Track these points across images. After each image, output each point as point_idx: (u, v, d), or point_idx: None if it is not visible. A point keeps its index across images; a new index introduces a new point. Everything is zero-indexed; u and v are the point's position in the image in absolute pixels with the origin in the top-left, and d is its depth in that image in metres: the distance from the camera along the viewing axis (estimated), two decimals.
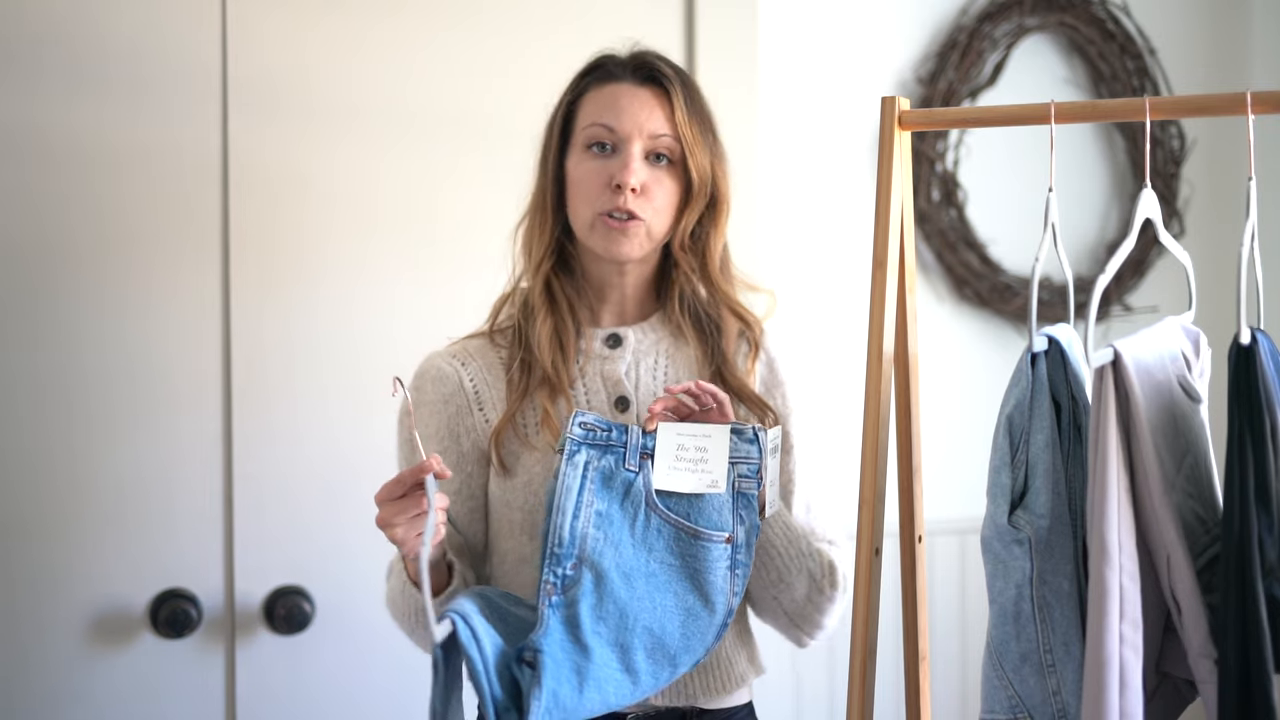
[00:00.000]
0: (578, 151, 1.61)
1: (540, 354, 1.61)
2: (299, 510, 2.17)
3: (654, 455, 1.50)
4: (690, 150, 1.60)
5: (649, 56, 1.64)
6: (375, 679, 2.18)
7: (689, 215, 1.62)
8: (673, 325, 1.66)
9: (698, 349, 1.65)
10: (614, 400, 1.62)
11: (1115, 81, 2.61)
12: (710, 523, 1.50)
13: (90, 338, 2.09)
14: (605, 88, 1.62)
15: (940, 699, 2.45)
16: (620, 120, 1.59)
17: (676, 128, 1.59)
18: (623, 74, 1.62)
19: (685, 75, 1.65)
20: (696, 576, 1.49)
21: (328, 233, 2.18)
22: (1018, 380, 1.45)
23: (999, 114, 1.91)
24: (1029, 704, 1.44)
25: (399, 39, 2.20)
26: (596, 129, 1.60)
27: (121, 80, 2.10)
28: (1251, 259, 1.39)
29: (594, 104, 1.61)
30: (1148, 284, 2.66)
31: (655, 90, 1.61)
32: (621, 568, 1.46)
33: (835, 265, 2.48)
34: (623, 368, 1.63)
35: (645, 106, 1.59)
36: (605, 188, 1.58)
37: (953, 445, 2.38)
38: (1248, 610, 1.28)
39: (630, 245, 1.59)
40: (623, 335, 1.65)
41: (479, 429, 1.63)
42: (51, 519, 2.08)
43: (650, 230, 1.60)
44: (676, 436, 1.50)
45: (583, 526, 1.46)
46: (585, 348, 1.64)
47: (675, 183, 1.61)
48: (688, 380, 1.54)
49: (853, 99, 2.49)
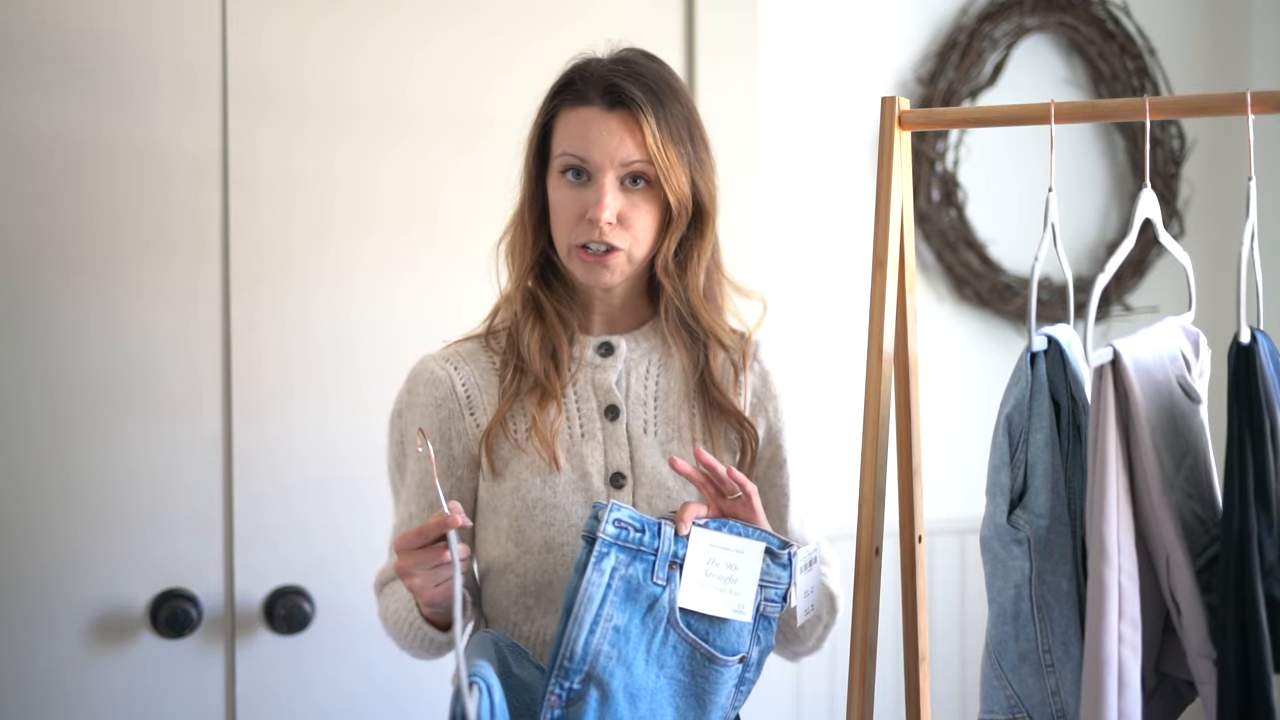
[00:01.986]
0: (555, 176, 1.59)
1: (531, 360, 1.61)
2: (299, 510, 2.17)
3: (683, 565, 1.45)
4: (665, 176, 1.55)
5: (618, 76, 1.56)
6: (375, 679, 2.18)
7: (670, 237, 1.59)
8: (663, 335, 1.65)
9: (686, 359, 1.64)
10: (604, 409, 1.62)
11: (1115, 81, 2.61)
12: (728, 646, 1.46)
13: (90, 338, 2.09)
14: (575, 113, 1.57)
15: (940, 699, 2.45)
16: (590, 151, 1.55)
17: (649, 153, 1.55)
18: (593, 97, 1.56)
19: (660, 87, 1.58)
20: (702, 696, 1.46)
21: (327, 232, 2.18)
22: (1017, 380, 1.45)
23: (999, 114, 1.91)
24: (1028, 704, 1.44)
25: (398, 39, 2.20)
26: (568, 158, 1.57)
27: (121, 80, 2.10)
28: (1251, 259, 1.39)
29: (565, 131, 1.58)
30: (1148, 284, 2.66)
31: (625, 115, 1.55)
32: (629, 689, 1.43)
33: (835, 265, 2.48)
34: (614, 376, 1.63)
35: (615, 135, 1.55)
36: (580, 219, 1.56)
37: (953, 445, 2.38)
38: (1247, 610, 1.28)
39: (609, 275, 1.58)
40: (615, 344, 1.64)
41: (470, 433, 1.63)
42: (52, 519, 2.08)
43: (631, 256, 1.58)
44: (709, 548, 1.45)
45: (597, 643, 1.42)
46: (578, 355, 1.63)
47: (654, 205, 1.57)
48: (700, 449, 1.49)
49: (853, 99, 2.49)
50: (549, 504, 1.58)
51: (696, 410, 1.63)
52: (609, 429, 1.61)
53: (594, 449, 1.60)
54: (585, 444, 1.60)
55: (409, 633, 1.59)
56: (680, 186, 1.57)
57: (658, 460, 1.60)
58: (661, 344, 1.66)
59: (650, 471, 1.60)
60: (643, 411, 1.62)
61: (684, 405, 1.63)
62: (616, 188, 1.56)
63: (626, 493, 1.59)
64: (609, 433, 1.61)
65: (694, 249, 1.62)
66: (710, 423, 1.62)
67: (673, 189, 1.56)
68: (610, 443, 1.61)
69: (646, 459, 1.60)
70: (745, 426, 1.63)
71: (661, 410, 1.63)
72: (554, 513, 1.57)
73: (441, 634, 1.57)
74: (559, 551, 1.57)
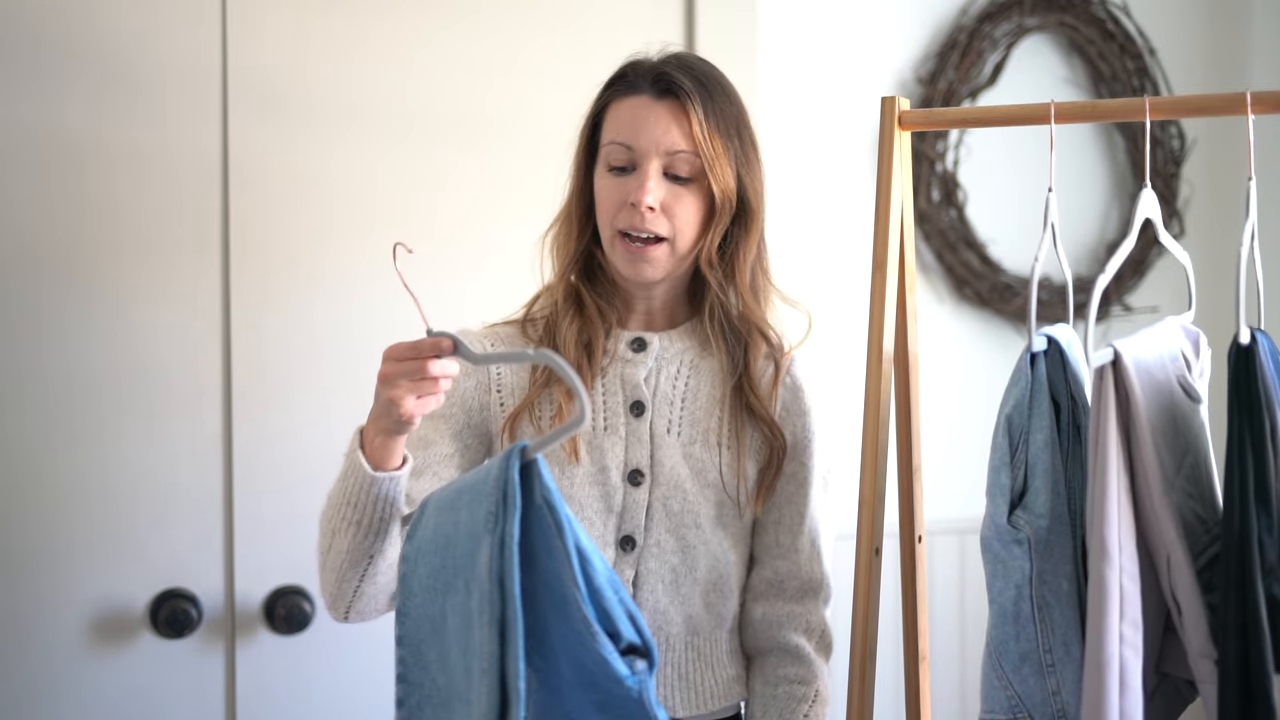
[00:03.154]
0: (601, 167, 1.60)
1: (566, 351, 1.60)
2: (299, 510, 2.16)
3: None
4: (711, 165, 1.56)
5: (669, 67, 1.59)
6: (375, 679, 2.18)
7: (715, 231, 1.59)
8: (702, 335, 1.65)
9: (723, 361, 1.63)
10: (630, 404, 1.61)
11: (1115, 81, 2.61)
12: None
13: (90, 337, 2.09)
14: (625, 101, 1.59)
15: (940, 699, 2.45)
16: (637, 138, 1.56)
17: (695, 143, 1.55)
18: (643, 86, 1.58)
19: (710, 83, 1.59)
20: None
21: (328, 232, 2.18)
22: (1017, 380, 1.45)
23: (999, 114, 1.91)
24: (1029, 704, 1.44)
25: (399, 38, 2.20)
26: (615, 147, 1.58)
27: (121, 80, 2.09)
28: (1251, 259, 1.39)
29: (614, 120, 1.59)
30: (1148, 284, 2.66)
31: (673, 104, 1.56)
32: None
33: (835, 265, 2.48)
34: (643, 373, 1.62)
35: (661, 122, 1.56)
36: (623, 205, 1.56)
37: (953, 445, 2.38)
38: (1248, 610, 1.28)
39: (651, 268, 1.58)
40: (648, 340, 1.64)
41: (491, 409, 1.62)
42: (52, 519, 2.08)
43: (675, 248, 1.58)
44: None
45: None
46: (611, 349, 1.63)
47: (698, 198, 1.57)
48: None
49: (853, 99, 2.49)
50: (565, 494, 1.57)
51: (725, 414, 1.62)
52: (633, 425, 1.61)
53: (615, 444, 1.60)
54: (607, 438, 1.60)
55: (341, 487, 1.46)
56: (725, 179, 1.57)
57: (678, 461, 1.60)
58: (697, 345, 1.65)
59: (669, 472, 1.59)
60: (669, 411, 1.62)
61: (712, 409, 1.62)
62: (660, 176, 1.57)
63: (643, 491, 1.59)
64: (632, 429, 1.61)
65: (739, 247, 1.61)
66: (738, 428, 1.61)
67: (717, 179, 1.56)
68: (633, 439, 1.60)
69: (667, 459, 1.60)
70: (776, 434, 1.62)
71: (688, 411, 1.62)
72: (569, 504, 1.57)
73: (373, 469, 1.43)
74: None
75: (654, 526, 1.58)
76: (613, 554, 1.58)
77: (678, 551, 1.59)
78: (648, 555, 1.58)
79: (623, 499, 1.59)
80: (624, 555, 1.58)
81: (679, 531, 1.58)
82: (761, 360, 1.65)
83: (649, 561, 1.58)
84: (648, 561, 1.58)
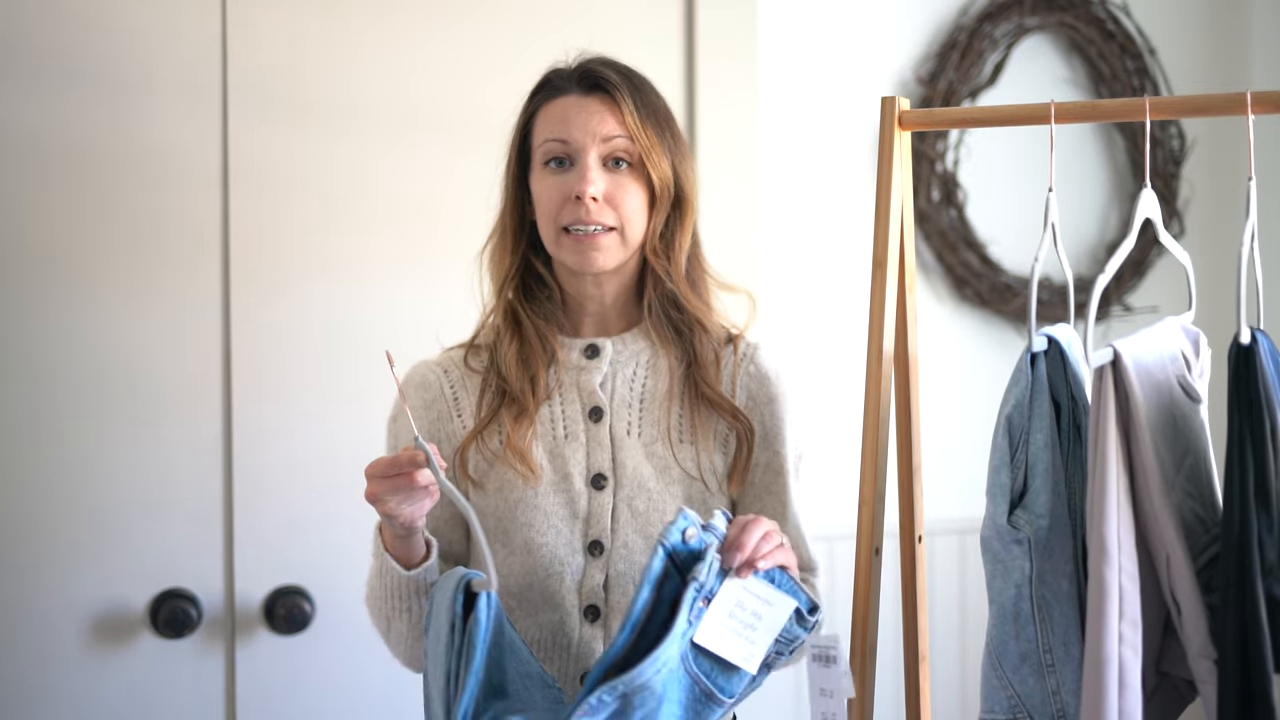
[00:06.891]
0: (538, 170, 1.61)
1: (508, 376, 1.61)
2: (299, 510, 2.17)
3: (710, 600, 1.39)
4: (647, 153, 1.57)
5: (593, 65, 1.61)
6: (375, 679, 2.18)
7: (655, 218, 1.60)
8: (653, 333, 1.65)
9: (673, 354, 1.63)
10: (588, 410, 1.62)
11: (1115, 81, 2.61)
12: (728, 689, 1.42)
13: (90, 338, 2.09)
14: (554, 102, 1.60)
15: (940, 699, 2.45)
16: (571, 131, 1.57)
17: (630, 131, 1.57)
18: (569, 87, 1.60)
19: (636, 77, 1.62)
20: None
21: (327, 232, 2.18)
22: (1017, 380, 1.45)
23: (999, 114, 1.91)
24: (1028, 704, 1.44)
25: (398, 38, 2.20)
26: (551, 144, 1.58)
27: (121, 80, 2.10)
28: (1251, 259, 1.39)
29: (545, 121, 1.60)
30: (1148, 284, 2.66)
31: (602, 97, 1.58)
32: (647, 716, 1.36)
33: (835, 265, 2.48)
34: (598, 378, 1.62)
35: (594, 114, 1.57)
36: (566, 201, 1.57)
37: (953, 445, 2.38)
38: (1248, 610, 1.28)
39: (602, 256, 1.58)
40: (600, 346, 1.64)
41: (459, 435, 1.63)
42: (52, 519, 2.08)
43: (625, 236, 1.59)
44: (741, 590, 1.41)
45: None
46: (563, 359, 1.63)
47: (640, 185, 1.59)
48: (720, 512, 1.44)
49: (853, 99, 2.49)
50: (530, 504, 1.58)
51: (684, 408, 1.62)
52: (592, 430, 1.61)
53: (576, 450, 1.60)
54: (568, 445, 1.60)
55: (381, 583, 1.54)
56: (662, 167, 1.59)
57: (640, 461, 1.60)
58: (650, 346, 1.65)
59: (631, 473, 1.60)
60: (627, 413, 1.62)
61: (670, 405, 1.62)
62: (600, 166, 1.57)
63: (607, 494, 1.59)
64: (592, 434, 1.61)
65: (675, 235, 1.62)
66: (698, 420, 1.62)
67: (655, 167, 1.58)
68: (593, 444, 1.61)
69: (629, 460, 1.60)
70: (739, 419, 1.62)
71: (647, 412, 1.62)
72: (534, 513, 1.58)
73: (405, 570, 1.51)
74: (539, 553, 1.57)
75: (620, 529, 1.58)
76: (582, 560, 1.58)
77: (646, 552, 1.58)
78: (616, 559, 1.58)
79: (587, 504, 1.59)
80: (593, 560, 1.58)
81: (646, 531, 1.58)
82: (713, 348, 1.64)
83: (618, 565, 1.58)
84: (617, 565, 1.58)
